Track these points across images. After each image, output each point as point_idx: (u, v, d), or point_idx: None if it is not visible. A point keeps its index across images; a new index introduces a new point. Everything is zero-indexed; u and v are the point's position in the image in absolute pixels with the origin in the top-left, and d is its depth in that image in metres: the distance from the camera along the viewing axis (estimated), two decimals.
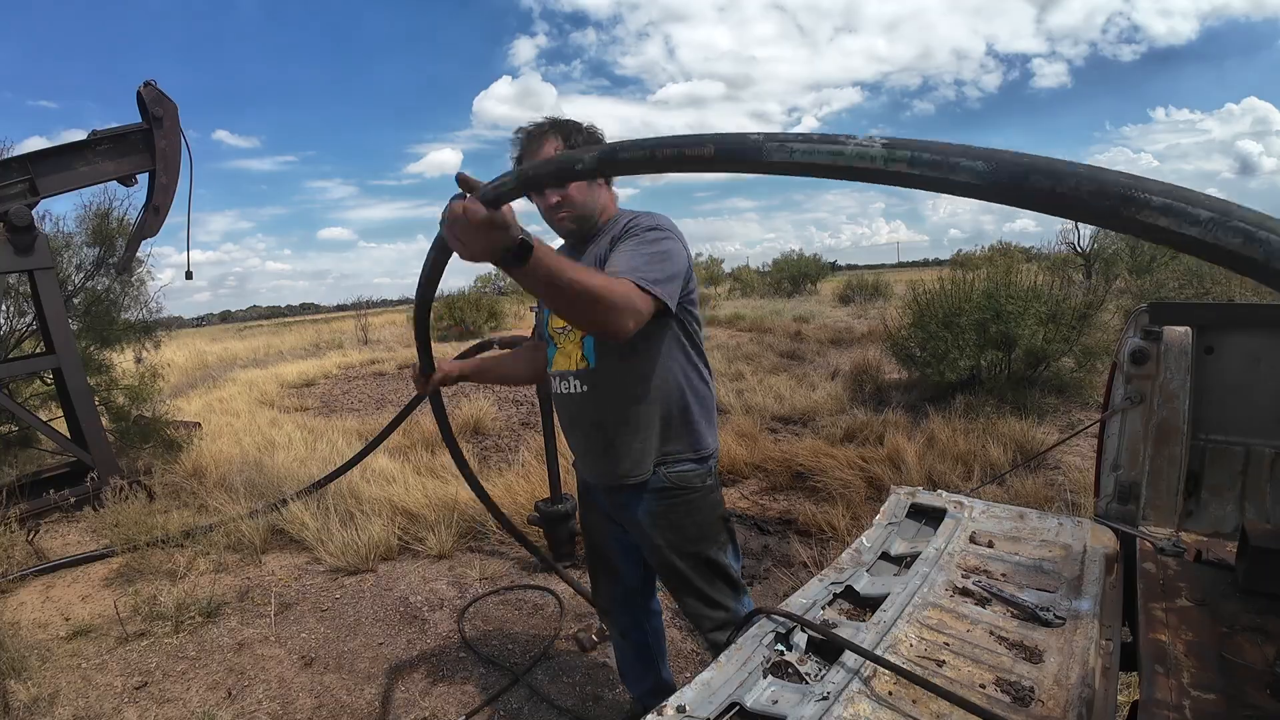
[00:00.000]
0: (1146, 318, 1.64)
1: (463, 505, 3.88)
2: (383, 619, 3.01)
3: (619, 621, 1.98)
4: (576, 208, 1.59)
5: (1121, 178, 0.55)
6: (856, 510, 3.69)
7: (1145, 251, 15.40)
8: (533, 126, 1.60)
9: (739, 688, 0.99)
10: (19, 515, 3.96)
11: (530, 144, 1.58)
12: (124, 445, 5.50)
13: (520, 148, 1.60)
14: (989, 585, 1.27)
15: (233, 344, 18.80)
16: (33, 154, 4.22)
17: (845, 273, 36.18)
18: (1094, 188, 0.55)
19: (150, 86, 4.46)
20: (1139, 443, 1.64)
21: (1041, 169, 0.57)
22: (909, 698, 0.96)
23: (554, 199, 1.57)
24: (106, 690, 2.54)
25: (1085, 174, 0.56)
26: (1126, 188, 0.54)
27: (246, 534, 3.81)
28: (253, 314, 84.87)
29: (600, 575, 1.96)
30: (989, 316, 5.91)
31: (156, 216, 4.68)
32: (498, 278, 39.93)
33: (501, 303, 19.50)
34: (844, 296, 19.72)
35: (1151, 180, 0.55)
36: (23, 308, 5.52)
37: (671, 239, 1.52)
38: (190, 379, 11.40)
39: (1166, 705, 0.93)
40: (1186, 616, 1.17)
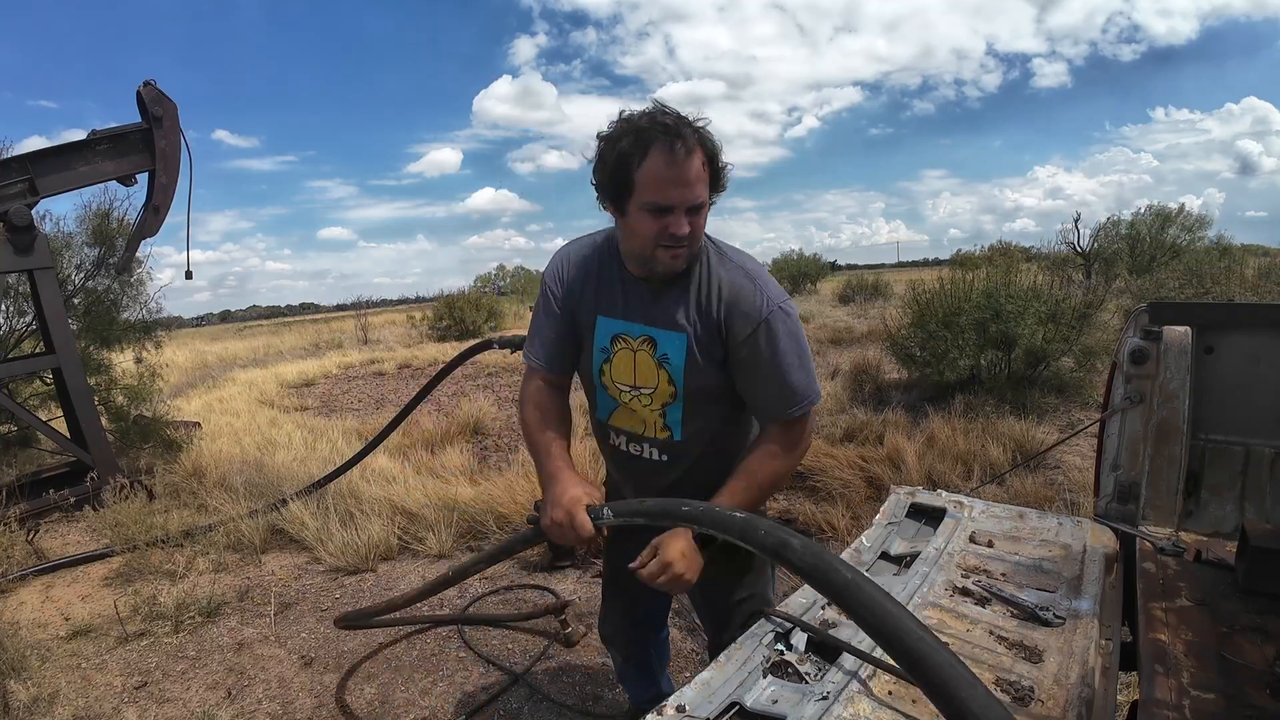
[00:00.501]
0: (1146, 317, 1.64)
1: (463, 505, 3.88)
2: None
3: (624, 648, 1.86)
4: (694, 245, 1.27)
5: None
6: (856, 510, 3.69)
7: (1145, 251, 15.42)
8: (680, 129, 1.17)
9: (739, 687, 0.99)
10: (19, 515, 3.96)
11: (676, 146, 1.16)
12: (124, 445, 5.49)
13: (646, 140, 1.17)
14: (989, 585, 1.27)
15: (232, 344, 18.80)
16: (32, 154, 4.21)
17: (845, 272, 36.19)
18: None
19: (150, 86, 4.45)
20: (1139, 442, 1.64)
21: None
22: (909, 697, 0.96)
23: (684, 230, 1.20)
24: (106, 690, 2.54)
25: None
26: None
27: (246, 534, 3.80)
28: (252, 314, 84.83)
29: (616, 604, 1.76)
30: (989, 316, 5.91)
31: (156, 216, 4.68)
32: (497, 278, 39.97)
33: (501, 303, 19.51)
34: (844, 296, 19.71)
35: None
36: (23, 307, 5.52)
37: (797, 318, 1.32)
38: (190, 379, 11.39)
39: (1166, 705, 0.93)
40: (1186, 616, 1.17)
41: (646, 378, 1.36)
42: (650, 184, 1.17)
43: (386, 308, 44.83)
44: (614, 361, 1.40)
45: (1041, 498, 3.63)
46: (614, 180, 1.21)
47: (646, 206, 1.19)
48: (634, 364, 1.37)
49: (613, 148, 1.21)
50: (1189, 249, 14.68)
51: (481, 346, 3.64)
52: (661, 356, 1.34)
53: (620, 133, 1.20)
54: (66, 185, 4.35)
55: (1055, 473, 4.22)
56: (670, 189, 1.17)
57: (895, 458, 4.36)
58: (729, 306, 1.28)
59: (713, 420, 1.40)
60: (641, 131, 1.18)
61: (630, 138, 1.18)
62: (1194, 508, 1.64)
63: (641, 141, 1.17)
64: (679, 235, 1.20)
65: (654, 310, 1.33)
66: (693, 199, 1.19)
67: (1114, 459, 1.69)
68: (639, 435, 1.44)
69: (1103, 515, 1.67)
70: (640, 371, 1.37)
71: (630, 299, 1.35)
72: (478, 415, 6.44)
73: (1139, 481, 1.64)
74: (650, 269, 1.28)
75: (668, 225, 1.20)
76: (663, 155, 1.16)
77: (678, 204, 1.18)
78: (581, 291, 1.40)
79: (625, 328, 1.36)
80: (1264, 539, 1.25)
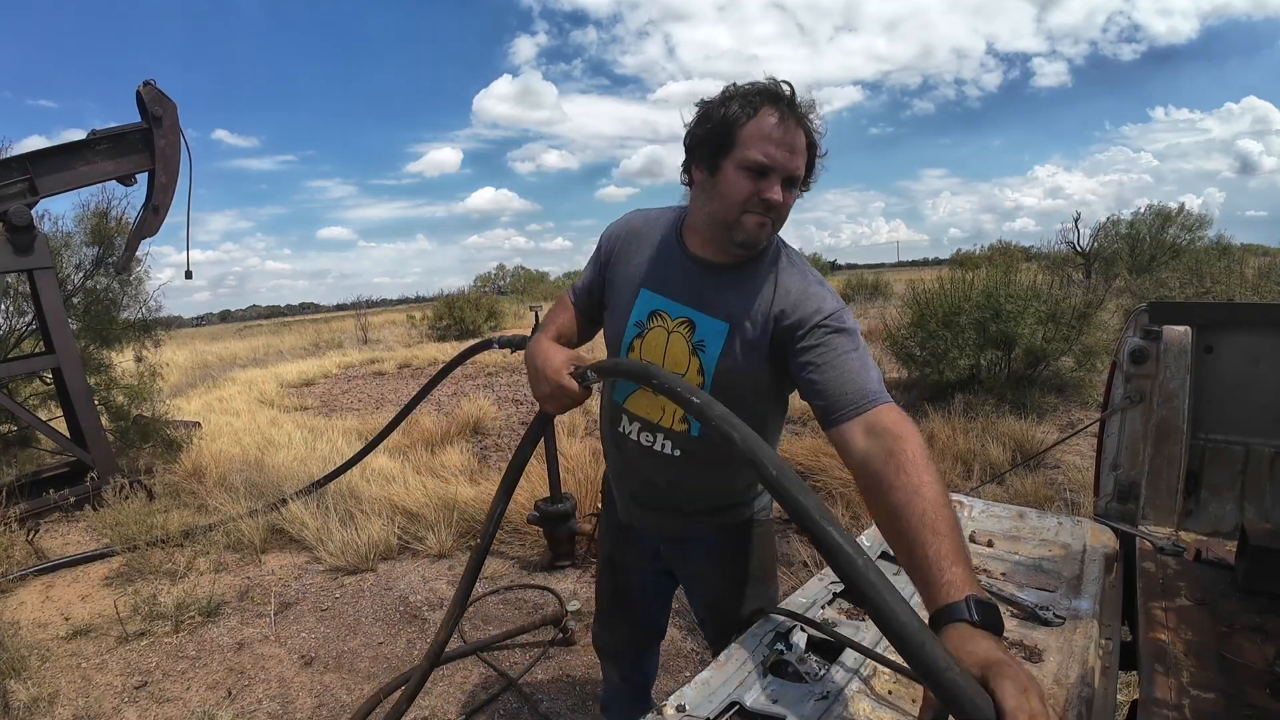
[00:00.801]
0: (1146, 317, 1.64)
1: (462, 505, 3.88)
2: (382, 618, 3.01)
3: (622, 665, 1.77)
4: (779, 225, 1.21)
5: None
6: (856, 509, 3.70)
7: (1145, 251, 15.43)
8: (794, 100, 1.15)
9: (739, 687, 0.99)
10: (19, 515, 3.96)
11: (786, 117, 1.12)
12: (124, 445, 5.49)
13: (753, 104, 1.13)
14: (989, 584, 1.27)
15: (232, 343, 18.80)
16: (32, 153, 4.21)
17: (845, 272, 36.21)
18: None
19: (150, 86, 4.45)
20: (1139, 442, 1.65)
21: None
22: (909, 697, 0.96)
23: (778, 198, 1.14)
24: (106, 690, 2.54)
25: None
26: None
27: (246, 533, 3.81)
28: (252, 313, 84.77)
29: (618, 617, 1.68)
30: (988, 316, 5.91)
31: (156, 216, 4.67)
32: (497, 277, 40.00)
33: (501, 302, 19.51)
34: (844, 295, 19.67)
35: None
36: (22, 307, 5.52)
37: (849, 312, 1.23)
38: (190, 378, 11.40)
39: (1166, 704, 0.93)
40: (1186, 616, 1.17)
41: (677, 362, 1.26)
42: (755, 141, 1.11)
43: (386, 307, 44.83)
44: (646, 338, 1.30)
45: (1041, 497, 3.64)
46: (715, 134, 1.15)
47: (746, 164, 1.12)
48: (666, 345, 1.28)
49: (719, 108, 1.16)
50: (1189, 249, 14.68)
51: (481, 346, 3.64)
52: (697, 343, 1.25)
53: (730, 95, 1.16)
54: (66, 185, 4.34)
55: (1055, 472, 4.22)
56: (775, 149, 1.11)
57: None
58: (796, 304, 1.18)
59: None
60: (755, 94, 1.14)
61: (741, 100, 1.14)
62: (1194, 507, 1.64)
63: (753, 102, 1.13)
64: (772, 200, 1.13)
65: (705, 294, 1.24)
66: (793, 168, 1.14)
67: (1114, 458, 1.69)
68: (654, 424, 1.33)
69: (1103, 515, 1.68)
70: (671, 354, 1.27)
71: (682, 277, 1.27)
72: (478, 415, 6.44)
73: (1139, 481, 1.64)
74: (729, 237, 1.18)
75: (762, 189, 1.13)
76: (774, 114, 1.12)
77: (779, 167, 1.12)
78: (629, 259, 1.33)
79: (666, 305, 1.28)
80: (1264, 538, 1.25)
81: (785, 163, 1.12)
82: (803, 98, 1.15)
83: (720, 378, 1.24)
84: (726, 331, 1.22)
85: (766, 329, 1.20)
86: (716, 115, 1.15)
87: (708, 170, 1.18)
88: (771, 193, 1.13)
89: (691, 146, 1.21)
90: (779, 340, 1.19)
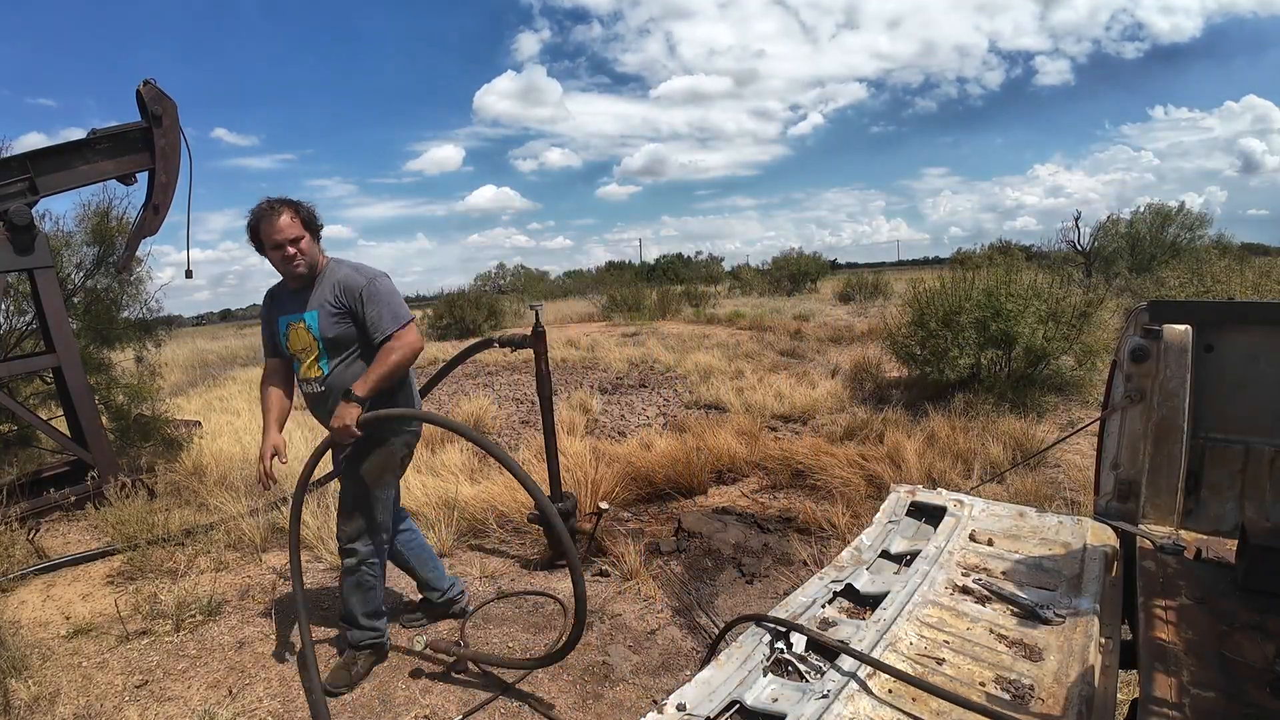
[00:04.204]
0: (1146, 316, 1.64)
1: (463, 504, 3.88)
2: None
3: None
4: (306, 259, 2.27)
5: None
6: (856, 508, 3.70)
7: (1145, 250, 15.42)
8: (269, 203, 2.25)
9: (739, 686, 0.99)
10: (20, 514, 3.96)
11: (270, 215, 2.21)
12: (124, 444, 5.49)
13: (257, 217, 2.25)
14: (989, 583, 1.27)
15: (233, 342, 18.80)
16: (32, 153, 4.21)
17: (845, 271, 36.17)
18: None
19: (149, 85, 4.44)
20: (1139, 441, 1.65)
21: None
22: (909, 695, 0.96)
23: (291, 251, 2.22)
24: (107, 689, 2.54)
25: None
26: None
27: (247, 532, 3.81)
28: (253, 313, 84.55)
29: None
30: (989, 315, 5.91)
31: (156, 215, 4.67)
32: (498, 276, 39.97)
33: (501, 301, 19.50)
34: (844, 295, 19.73)
35: None
36: (23, 307, 5.52)
37: (389, 279, 2.36)
38: (190, 377, 11.40)
39: (1166, 703, 0.93)
40: (1186, 614, 1.17)
41: (307, 341, 2.34)
42: (267, 236, 2.27)
43: None
44: (289, 338, 2.37)
45: (1042, 496, 3.64)
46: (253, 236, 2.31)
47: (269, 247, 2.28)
48: (297, 335, 2.35)
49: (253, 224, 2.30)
50: (1189, 248, 14.68)
51: (481, 345, 3.64)
52: (308, 327, 2.32)
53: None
54: (66, 184, 4.34)
55: (1055, 471, 4.22)
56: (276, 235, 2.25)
57: (895, 456, 4.36)
58: (357, 287, 2.28)
59: (346, 359, 2.36)
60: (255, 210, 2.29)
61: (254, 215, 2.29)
62: (1194, 506, 1.64)
63: (253, 215, 2.29)
64: (288, 256, 2.25)
65: (306, 297, 2.33)
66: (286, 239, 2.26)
67: (1114, 457, 1.69)
68: (311, 378, 2.37)
69: (1103, 514, 1.67)
70: (303, 338, 2.34)
71: (291, 299, 2.37)
72: (478, 414, 6.45)
73: (1139, 480, 1.64)
74: (291, 277, 2.33)
75: (281, 252, 2.26)
76: (258, 217, 2.28)
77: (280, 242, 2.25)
78: (271, 308, 2.46)
79: (293, 317, 2.35)
80: (1264, 537, 1.25)
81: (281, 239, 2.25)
82: (279, 199, 2.29)
83: (325, 337, 2.32)
84: (317, 314, 2.30)
85: (342, 299, 2.29)
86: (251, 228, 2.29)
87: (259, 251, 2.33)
88: (282, 254, 2.26)
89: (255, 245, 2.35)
90: (349, 302, 2.29)
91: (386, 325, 2.26)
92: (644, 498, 4.27)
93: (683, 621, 2.81)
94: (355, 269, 2.32)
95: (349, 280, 2.27)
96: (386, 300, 2.27)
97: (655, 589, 3.08)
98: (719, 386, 7.21)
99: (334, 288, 2.26)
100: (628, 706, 2.31)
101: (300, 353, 2.35)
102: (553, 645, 2.65)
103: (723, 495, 4.35)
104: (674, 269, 38.20)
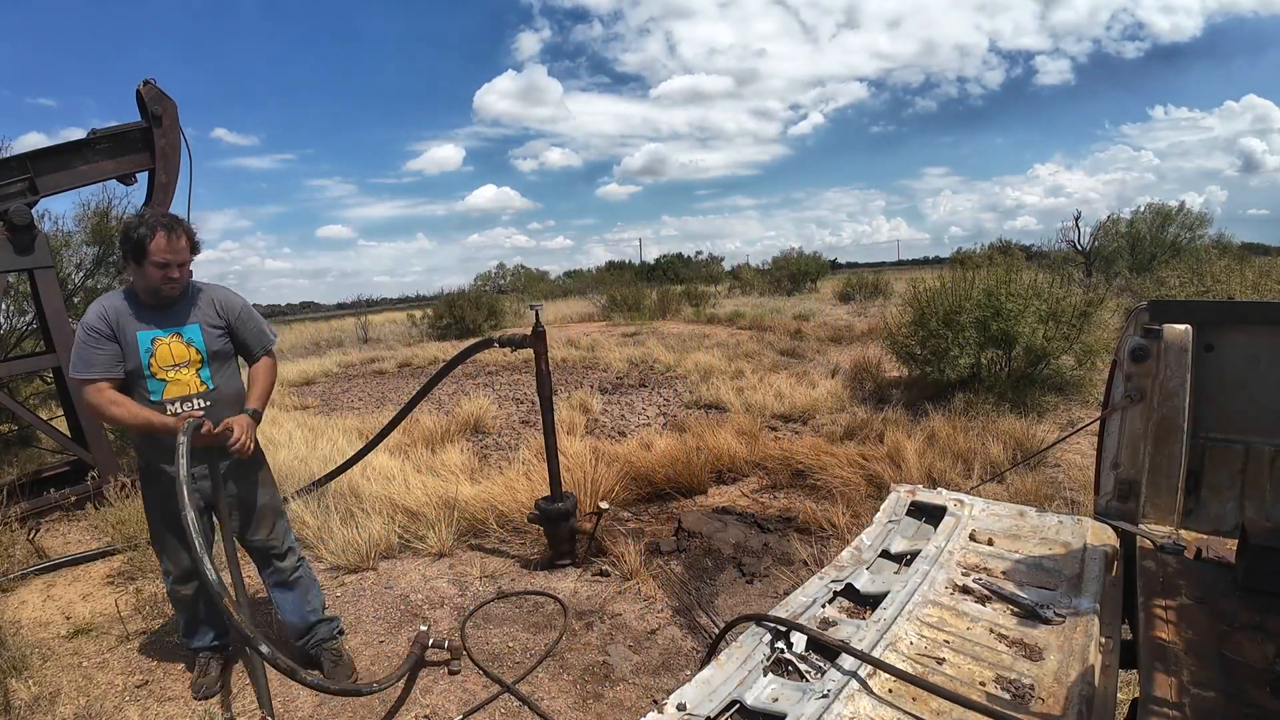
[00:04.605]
0: (1147, 315, 1.64)
1: (463, 504, 3.89)
2: (383, 617, 3.01)
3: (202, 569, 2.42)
4: (182, 280, 2.27)
5: None
6: (857, 508, 3.70)
7: (1145, 249, 15.42)
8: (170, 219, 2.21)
9: (739, 686, 0.99)
10: (20, 514, 3.96)
11: (172, 232, 2.17)
12: (124, 444, 5.49)
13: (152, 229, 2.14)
14: (989, 583, 1.27)
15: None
16: (32, 153, 4.21)
17: (845, 271, 36.19)
18: None
19: (150, 85, 4.44)
20: (1139, 440, 1.64)
21: None
22: (909, 695, 0.96)
23: (176, 274, 2.21)
24: (108, 688, 2.54)
25: None
26: None
27: None
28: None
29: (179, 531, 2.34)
30: (989, 315, 5.91)
31: None
32: (498, 276, 39.99)
33: (502, 301, 19.51)
34: (844, 295, 19.73)
35: None
36: (23, 307, 5.53)
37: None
38: None
39: (1166, 703, 0.93)
40: (1186, 614, 1.17)
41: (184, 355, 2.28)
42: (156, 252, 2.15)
43: (387, 306, 44.84)
44: (156, 354, 2.23)
45: (1042, 496, 3.64)
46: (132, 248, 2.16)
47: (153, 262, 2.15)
48: (170, 351, 2.26)
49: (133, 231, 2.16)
50: (1189, 247, 14.68)
51: (482, 345, 3.64)
52: (189, 340, 2.29)
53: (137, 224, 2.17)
54: (66, 184, 4.34)
55: (1055, 471, 4.22)
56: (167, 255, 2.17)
57: (895, 456, 4.36)
58: (223, 304, 2.37)
59: (229, 371, 2.41)
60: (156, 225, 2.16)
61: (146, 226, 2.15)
62: (1194, 506, 1.64)
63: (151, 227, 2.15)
64: (171, 276, 2.20)
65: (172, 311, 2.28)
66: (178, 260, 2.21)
67: (1114, 457, 1.69)
68: (188, 395, 2.27)
69: (1103, 513, 1.67)
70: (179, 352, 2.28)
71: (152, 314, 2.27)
72: (478, 413, 6.44)
73: (1139, 479, 1.64)
74: (165, 292, 2.22)
75: (166, 272, 2.18)
76: (168, 231, 2.16)
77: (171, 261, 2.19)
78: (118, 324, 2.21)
79: (156, 332, 2.25)
80: (1264, 537, 1.25)
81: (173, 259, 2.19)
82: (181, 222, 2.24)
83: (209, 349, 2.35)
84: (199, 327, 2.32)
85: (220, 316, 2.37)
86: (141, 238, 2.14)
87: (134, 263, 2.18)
88: (166, 274, 2.18)
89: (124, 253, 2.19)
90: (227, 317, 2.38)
91: (267, 340, 2.48)
92: (644, 497, 4.27)
93: (683, 621, 2.81)
94: (225, 289, 2.45)
95: (228, 299, 2.39)
96: (260, 318, 2.47)
97: (655, 589, 3.08)
98: (719, 386, 7.20)
99: (212, 304, 2.34)
100: (628, 706, 2.31)
101: (171, 367, 2.24)
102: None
103: (723, 495, 4.35)
104: (674, 269, 38.22)
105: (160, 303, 2.24)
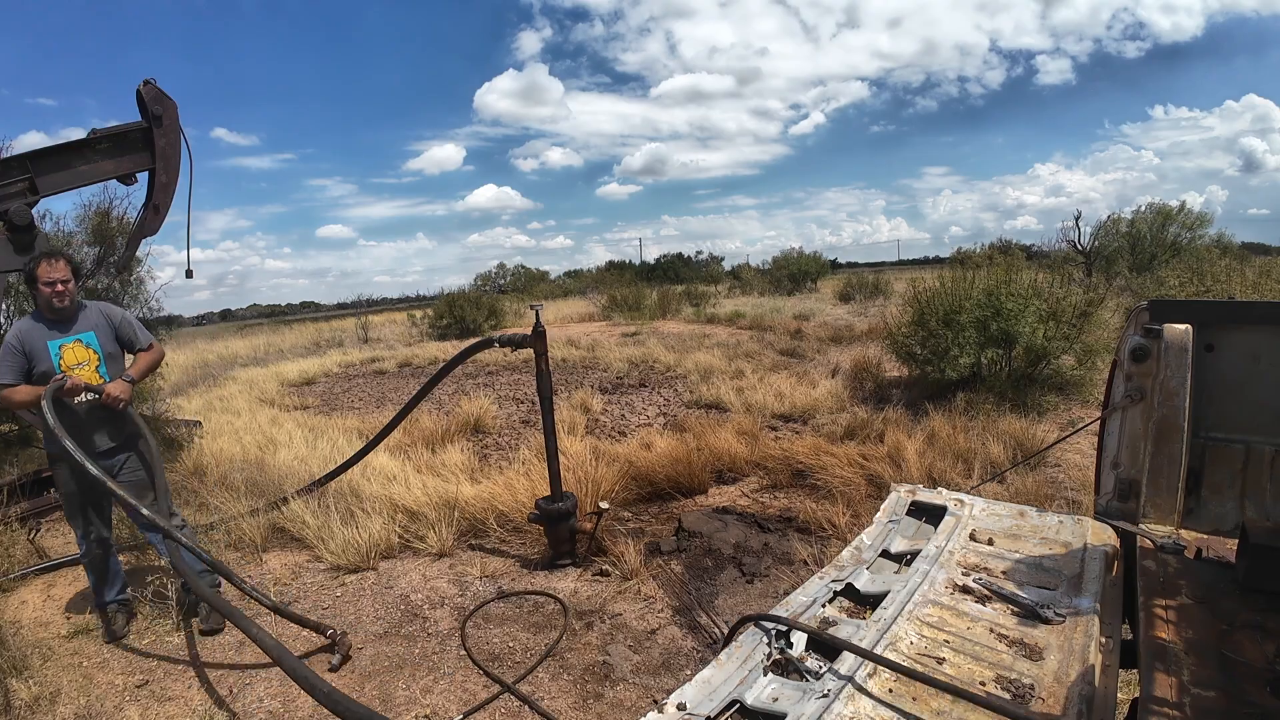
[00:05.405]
0: (1147, 315, 1.64)
1: (463, 503, 3.89)
2: (383, 617, 3.01)
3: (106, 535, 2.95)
4: (69, 295, 2.79)
5: None
6: (857, 508, 3.70)
7: (1145, 249, 15.42)
8: (52, 252, 2.90)
9: (739, 685, 0.99)
10: (20, 514, 3.96)
11: (53, 260, 2.78)
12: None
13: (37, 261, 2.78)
14: (989, 583, 1.27)
15: (233, 342, 18.79)
16: (32, 153, 4.21)
17: (845, 271, 36.17)
18: None
19: (150, 85, 4.44)
20: (1139, 440, 1.64)
21: None
22: (909, 694, 0.96)
23: (61, 289, 2.74)
24: (108, 688, 2.54)
25: None
26: None
27: (247, 532, 3.81)
28: (253, 312, 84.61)
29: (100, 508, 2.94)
30: (989, 314, 5.91)
31: (156, 215, 4.66)
32: (498, 276, 40.02)
33: (502, 301, 19.51)
34: (844, 294, 19.74)
35: None
36: (23, 307, 5.52)
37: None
38: (190, 377, 11.40)
39: (1166, 702, 0.93)
40: (1187, 614, 1.17)
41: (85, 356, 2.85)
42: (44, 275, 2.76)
43: (386, 306, 44.87)
44: (64, 356, 2.80)
45: (1042, 496, 3.64)
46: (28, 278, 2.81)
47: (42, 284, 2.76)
48: (75, 353, 2.83)
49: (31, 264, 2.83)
50: (1189, 247, 14.68)
51: (482, 345, 3.64)
52: (87, 344, 2.87)
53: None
54: (66, 184, 4.34)
55: (1056, 470, 4.22)
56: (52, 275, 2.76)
57: (896, 455, 4.36)
58: (108, 316, 2.96)
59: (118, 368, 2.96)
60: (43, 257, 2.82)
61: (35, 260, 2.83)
62: (1194, 505, 1.64)
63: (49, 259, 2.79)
64: (58, 291, 2.75)
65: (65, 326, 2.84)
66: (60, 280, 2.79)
67: (1114, 457, 1.69)
68: (91, 387, 2.79)
69: (1103, 513, 1.67)
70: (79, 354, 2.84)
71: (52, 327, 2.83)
72: (478, 413, 6.44)
73: (1139, 479, 1.64)
74: (55, 306, 2.77)
75: (52, 288, 2.74)
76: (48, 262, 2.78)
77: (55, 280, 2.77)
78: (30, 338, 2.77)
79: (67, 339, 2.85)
80: (1265, 536, 1.25)
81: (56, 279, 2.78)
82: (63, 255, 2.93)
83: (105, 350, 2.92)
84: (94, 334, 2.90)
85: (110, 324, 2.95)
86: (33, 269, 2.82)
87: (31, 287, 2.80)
88: (53, 290, 2.74)
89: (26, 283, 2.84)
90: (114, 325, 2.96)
91: (147, 338, 3.09)
92: (644, 497, 4.27)
93: (683, 621, 2.81)
94: (109, 304, 3.15)
95: (111, 311, 3.01)
96: (137, 324, 3.10)
97: (655, 588, 3.08)
98: (719, 386, 7.21)
99: (100, 315, 2.94)
100: (628, 706, 2.31)
101: (76, 365, 2.83)
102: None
103: (723, 495, 4.35)
104: (674, 268, 38.24)
105: (58, 316, 2.81)
